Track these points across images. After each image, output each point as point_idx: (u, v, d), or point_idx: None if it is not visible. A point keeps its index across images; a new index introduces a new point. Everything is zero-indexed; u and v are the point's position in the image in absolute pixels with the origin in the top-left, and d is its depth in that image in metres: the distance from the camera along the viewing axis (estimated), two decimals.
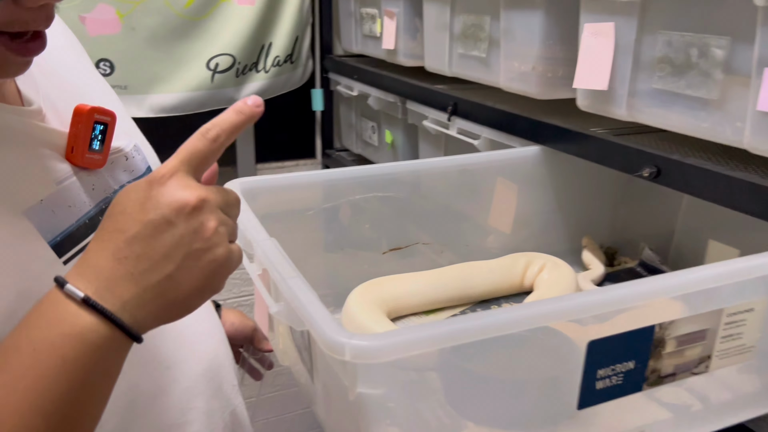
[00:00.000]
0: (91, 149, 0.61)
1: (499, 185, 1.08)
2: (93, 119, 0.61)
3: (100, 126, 0.62)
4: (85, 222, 0.61)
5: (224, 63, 1.73)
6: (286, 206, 0.90)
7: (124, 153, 0.69)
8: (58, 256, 0.57)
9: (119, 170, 0.67)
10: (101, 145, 0.63)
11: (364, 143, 1.75)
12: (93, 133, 0.61)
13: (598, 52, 0.91)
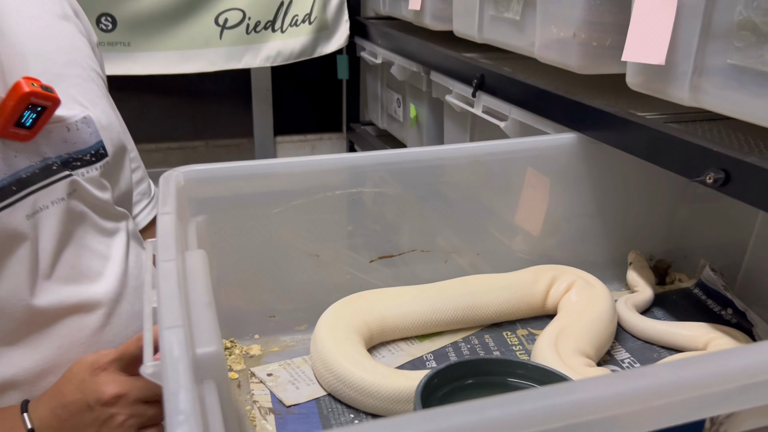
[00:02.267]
0: (19, 124, 0.61)
1: (529, 178, 0.88)
2: (28, 102, 0.60)
3: (38, 108, 0.61)
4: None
5: (234, 18, 1.56)
6: (251, 202, 0.73)
7: (66, 124, 0.67)
8: None
9: (58, 140, 0.66)
10: (33, 123, 0.61)
11: (389, 117, 1.56)
12: (24, 114, 0.60)
13: (656, 16, 0.69)
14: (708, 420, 0.41)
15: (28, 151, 0.63)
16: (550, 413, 0.34)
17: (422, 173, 0.80)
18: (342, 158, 0.77)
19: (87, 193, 0.68)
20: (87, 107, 0.70)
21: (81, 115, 0.68)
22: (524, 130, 0.94)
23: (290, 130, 1.78)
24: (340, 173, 0.76)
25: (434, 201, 0.82)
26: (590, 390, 0.35)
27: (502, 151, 0.84)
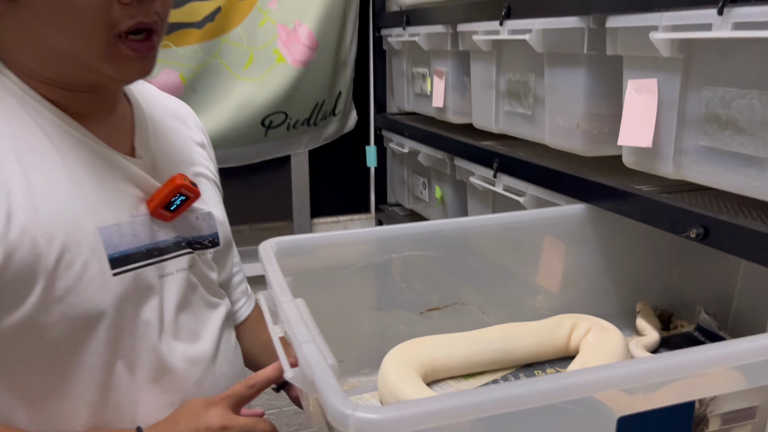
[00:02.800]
0: (166, 208, 0.78)
1: (546, 243, 1.05)
2: (178, 191, 0.78)
3: (183, 197, 0.79)
4: (141, 251, 0.75)
5: (277, 119, 1.79)
6: (322, 265, 0.90)
7: (196, 214, 0.85)
8: (111, 267, 0.71)
9: (188, 225, 0.84)
10: (176, 209, 0.79)
11: (415, 198, 1.75)
12: (174, 200, 0.78)
13: (642, 109, 0.88)
14: (697, 402, 0.56)
15: (167, 228, 0.80)
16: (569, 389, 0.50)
17: (459, 240, 0.97)
18: (395, 228, 0.94)
19: (201, 269, 0.85)
20: (210, 206, 0.89)
21: (206, 210, 0.87)
22: (540, 204, 1.11)
23: (325, 213, 1.98)
24: (393, 241, 0.93)
25: (471, 263, 0.98)
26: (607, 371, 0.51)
27: (523, 221, 1.02)
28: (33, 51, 0.69)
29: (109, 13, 0.66)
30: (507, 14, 1.13)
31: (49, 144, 0.70)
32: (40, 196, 0.67)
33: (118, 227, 0.73)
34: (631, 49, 0.89)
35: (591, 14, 0.95)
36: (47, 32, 0.67)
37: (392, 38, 1.74)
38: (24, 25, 0.67)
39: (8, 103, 0.69)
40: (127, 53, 0.69)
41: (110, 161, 0.74)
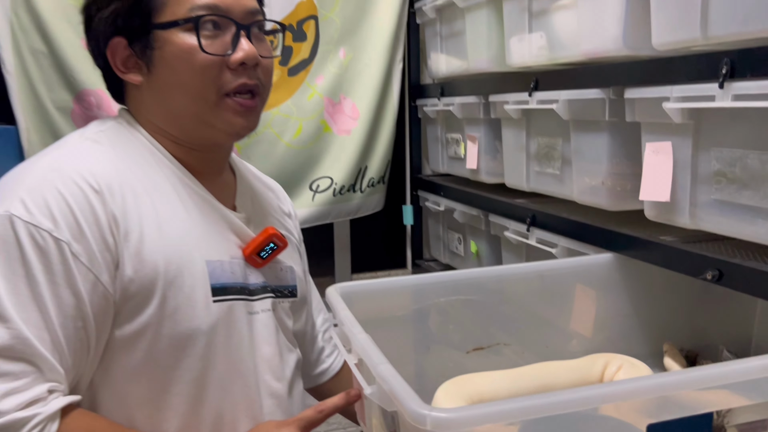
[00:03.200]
0: (258, 255, 0.92)
1: (578, 291, 1.16)
2: (270, 240, 0.92)
3: (273, 246, 0.92)
4: (236, 287, 0.88)
5: (324, 184, 1.94)
6: (377, 309, 1.01)
7: (281, 266, 0.99)
8: (212, 295, 0.84)
9: (273, 274, 0.96)
10: (266, 257, 0.93)
11: (451, 253, 1.87)
12: (264, 248, 0.92)
13: (660, 168, 1.00)
14: (715, 413, 0.65)
15: (256, 273, 0.93)
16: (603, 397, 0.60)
17: (499, 286, 1.09)
18: (442, 275, 1.06)
19: (280, 314, 0.97)
20: (292, 263, 1.02)
21: (288, 264, 1.00)
22: (570, 254, 1.23)
23: (364, 268, 2.10)
24: (440, 286, 1.05)
25: (509, 308, 1.09)
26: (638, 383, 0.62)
27: (556, 269, 1.13)
28: (161, 111, 0.86)
29: (220, 76, 0.84)
30: (535, 86, 1.28)
31: (172, 189, 0.85)
32: (164, 227, 0.81)
33: (220, 263, 0.87)
34: (648, 117, 1.02)
35: (611, 87, 1.09)
36: (172, 94, 0.85)
37: (427, 107, 1.90)
38: (156, 89, 0.86)
39: (142, 153, 0.86)
40: (232, 107, 0.85)
41: (217, 211, 0.90)
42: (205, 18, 0.82)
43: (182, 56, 0.83)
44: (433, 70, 1.92)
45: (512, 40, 1.41)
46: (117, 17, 0.84)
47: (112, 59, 0.86)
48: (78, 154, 0.82)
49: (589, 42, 1.16)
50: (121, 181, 0.81)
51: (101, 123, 0.90)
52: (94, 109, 1.71)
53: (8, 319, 0.70)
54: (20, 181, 0.77)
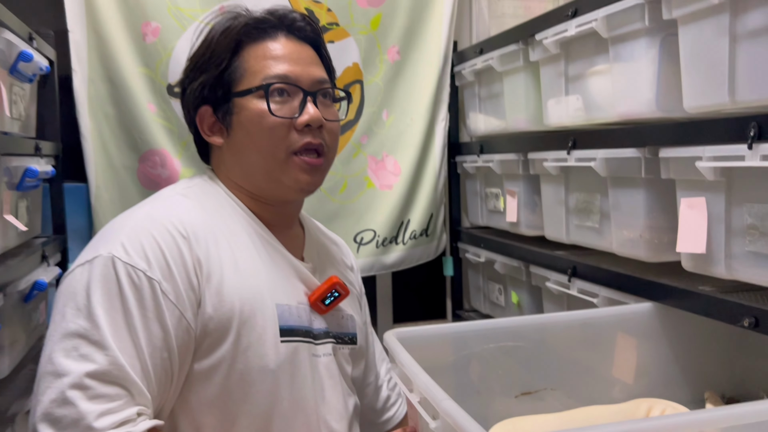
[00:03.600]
0: (322, 302, 0.99)
1: (620, 339, 1.22)
2: (333, 288, 0.99)
3: (336, 294, 1.00)
4: (302, 330, 0.95)
5: (367, 237, 2.04)
6: (431, 353, 1.08)
7: (342, 314, 1.05)
8: (280, 335, 0.91)
9: (335, 321, 1.03)
10: (330, 303, 1.00)
11: (491, 304, 1.93)
12: (328, 295, 0.99)
13: (695, 222, 1.07)
14: None
15: (320, 319, 1.00)
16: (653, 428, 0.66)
17: (545, 333, 1.15)
18: (492, 322, 1.13)
19: (341, 360, 1.03)
20: (352, 311, 1.09)
21: (349, 313, 1.07)
22: (611, 304, 1.29)
23: (405, 319, 2.17)
24: (490, 333, 1.11)
25: (555, 354, 1.15)
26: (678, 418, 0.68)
27: (597, 317, 1.19)
28: (238, 168, 0.97)
29: (287, 136, 0.94)
30: (573, 145, 1.37)
31: (249, 238, 0.95)
32: (241, 272, 0.90)
33: (288, 307, 0.94)
34: (682, 174, 1.09)
35: (646, 146, 1.17)
36: (247, 153, 0.95)
37: (466, 164, 2.00)
38: (234, 150, 0.97)
39: (223, 205, 0.96)
40: (299, 165, 0.94)
41: (287, 260, 0.98)
42: (274, 86, 0.93)
43: (255, 119, 0.94)
44: (472, 128, 2.03)
45: (549, 102, 1.50)
46: (204, 88, 0.96)
47: (200, 125, 0.98)
48: (170, 206, 0.92)
49: (623, 104, 1.25)
50: (205, 230, 0.90)
51: (189, 180, 1.01)
52: (158, 168, 1.85)
53: (107, 347, 0.78)
54: (121, 227, 0.87)
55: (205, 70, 0.96)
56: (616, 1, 1.20)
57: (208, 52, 0.96)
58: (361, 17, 2.01)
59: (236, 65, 0.95)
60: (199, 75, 0.97)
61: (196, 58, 0.98)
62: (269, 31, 0.97)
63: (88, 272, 0.82)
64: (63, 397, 0.75)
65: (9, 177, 1.32)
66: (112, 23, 1.79)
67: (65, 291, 0.82)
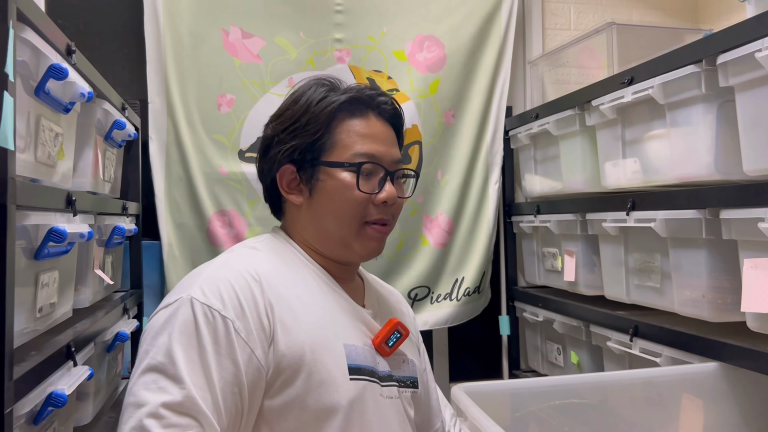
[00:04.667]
0: (386, 344, 1.03)
1: (685, 400, 1.22)
2: (395, 329, 1.03)
3: (398, 334, 1.03)
4: (367, 369, 0.99)
5: (422, 293, 2.08)
6: (496, 410, 1.11)
7: (403, 358, 1.08)
8: (348, 373, 0.95)
9: (398, 364, 1.07)
10: (393, 344, 1.03)
11: (550, 364, 1.93)
12: (391, 336, 1.03)
13: (759, 282, 1.09)
14: None
15: (384, 363, 1.03)
16: None
17: (610, 391, 1.17)
18: (562, 379, 1.15)
19: (404, 403, 1.07)
20: (412, 356, 1.13)
21: (410, 358, 1.12)
22: (675, 364, 1.29)
23: (461, 378, 2.17)
24: (560, 390, 1.13)
25: (621, 410, 1.16)
26: None
27: (661, 376, 1.20)
28: (313, 228, 1.03)
29: (365, 208, 1.01)
30: (632, 206, 1.40)
31: (316, 285, 1.01)
32: (310, 314, 0.96)
33: (354, 347, 0.98)
34: (744, 235, 1.12)
35: (706, 208, 1.20)
36: (326, 217, 1.02)
37: (523, 224, 2.04)
38: (312, 211, 1.03)
39: (291, 257, 1.03)
40: (370, 234, 1.02)
41: (351, 305, 1.04)
42: (365, 165, 1.01)
43: (340, 190, 1.00)
44: (528, 189, 2.08)
45: (607, 164, 1.55)
46: (295, 151, 1.03)
47: (280, 181, 1.04)
48: (243, 256, 1.00)
49: (682, 167, 1.29)
50: (276, 275, 0.97)
51: (258, 237, 1.08)
52: (227, 227, 1.96)
53: (182, 380, 0.85)
54: (199, 274, 0.95)
55: (298, 135, 1.02)
56: (672, 69, 1.26)
57: (304, 119, 1.02)
58: (421, 82, 2.12)
59: (328, 135, 1.02)
60: (291, 138, 1.03)
61: (290, 122, 1.03)
62: (362, 108, 1.04)
63: (168, 313, 0.89)
64: (140, 425, 0.82)
65: (99, 234, 1.43)
66: (190, 95, 1.94)
67: (150, 330, 0.90)
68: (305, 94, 1.04)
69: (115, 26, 1.99)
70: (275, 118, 1.06)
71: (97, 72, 1.35)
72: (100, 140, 1.43)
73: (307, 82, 1.06)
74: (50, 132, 1.07)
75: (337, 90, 1.04)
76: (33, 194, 0.96)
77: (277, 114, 1.06)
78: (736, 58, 1.10)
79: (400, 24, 2.10)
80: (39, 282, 1.03)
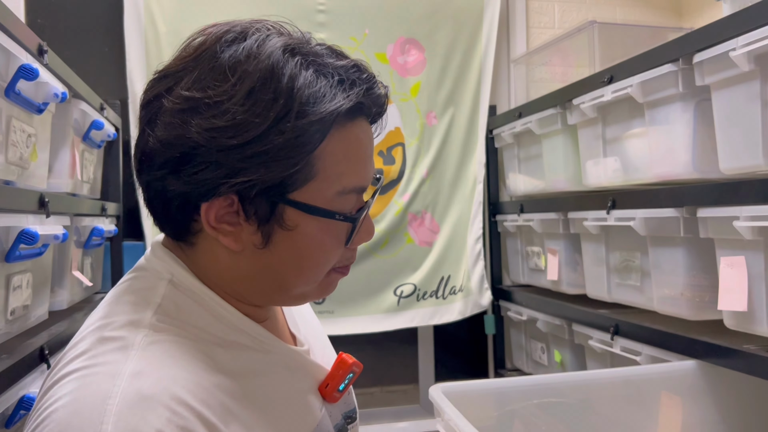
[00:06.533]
0: (337, 390, 0.75)
1: (664, 398, 1.22)
2: (350, 370, 0.75)
3: (351, 375, 0.76)
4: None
5: (408, 290, 2.09)
6: (473, 410, 1.11)
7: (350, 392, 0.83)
8: None
9: (343, 402, 0.79)
10: (344, 388, 0.75)
11: (534, 363, 1.93)
12: (345, 378, 0.75)
13: (735, 280, 1.09)
14: None
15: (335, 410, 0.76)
16: None
17: (585, 394, 1.17)
18: (540, 378, 1.15)
19: None
20: None
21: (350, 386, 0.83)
22: (655, 362, 1.29)
23: (447, 377, 2.17)
24: (538, 389, 1.13)
25: (599, 410, 1.16)
26: None
27: (640, 374, 1.20)
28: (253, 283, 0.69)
29: (340, 257, 0.70)
30: (612, 205, 1.40)
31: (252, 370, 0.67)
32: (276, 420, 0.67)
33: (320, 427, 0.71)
34: (720, 233, 1.12)
35: (684, 206, 1.20)
36: (284, 274, 0.68)
37: (507, 222, 2.04)
38: (261, 264, 0.67)
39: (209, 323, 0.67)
40: (333, 280, 0.72)
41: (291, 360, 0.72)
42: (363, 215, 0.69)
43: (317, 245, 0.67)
44: (512, 188, 2.08)
45: (588, 163, 1.55)
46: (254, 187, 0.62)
47: (207, 213, 0.63)
48: (155, 367, 0.59)
49: (660, 166, 1.29)
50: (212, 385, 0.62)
51: (149, 291, 0.66)
52: None
53: None
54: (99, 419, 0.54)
55: (266, 163, 0.61)
56: (650, 68, 1.26)
57: (278, 140, 0.61)
58: (402, 86, 2.12)
59: (309, 163, 0.63)
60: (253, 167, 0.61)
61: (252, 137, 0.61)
62: (354, 113, 0.67)
63: None
64: None
65: (78, 236, 1.41)
66: None
67: None
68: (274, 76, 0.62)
69: (96, 26, 1.97)
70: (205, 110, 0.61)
71: (73, 72, 1.34)
72: (77, 141, 1.41)
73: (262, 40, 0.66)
74: (22, 133, 1.05)
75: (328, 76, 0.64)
76: (2, 196, 0.95)
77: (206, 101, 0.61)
78: (711, 57, 1.10)
79: (381, 25, 2.10)
80: (11, 284, 1.02)
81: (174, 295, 0.67)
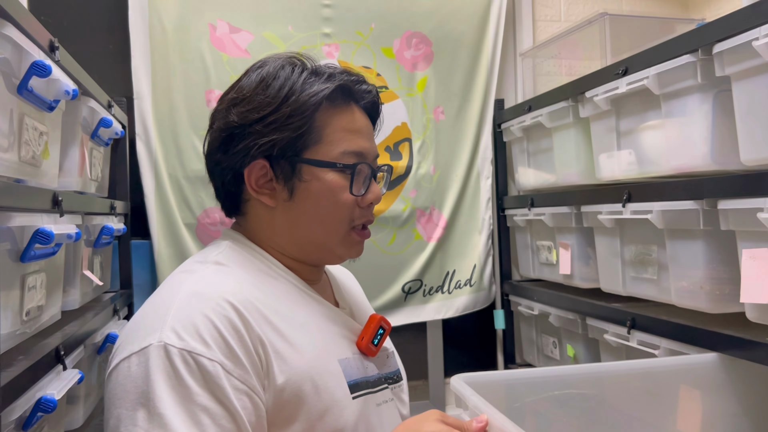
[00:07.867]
0: (372, 344, 0.96)
1: (683, 391, 1.21)
2: (379, 325, 0.97)
3: (381, 330, 0.97)
4: (363, 381, 0.93)
5: (415, 286, 2.08)
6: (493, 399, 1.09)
7: (387, 353, 1.03)
8: (350, 393, 0.89)
9: (382, 362, 1.00)
10: (378, 342, 0.97)
11: (545, 357, 1.92)
12: (376, 334, 0.96)
13: (758, 272, 1.08)
14: None
15: (372, 364, 0.96)
16: None
17: (608, 381, 1.15)
18: (558, 369, 1.14)
19: (397, 405, 1.02)
20: (391, 346, 1.08)
21: (391, 349, 1.06)
22: (673, 356, 1.28)
23: (456, 372, 2.16)
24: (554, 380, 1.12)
25: (616, 403, 1.15)
26: None
27: (658, 367, 1.19)
28: (288, 234, 0.92)
29: (353, 212, 0.93)
30: (628, 198, 1.39)
31: (295, 300, 0.91)
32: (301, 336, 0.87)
33: (347, 361, 0.90)
34: (742, 225, 1.11)
35: (703, 198, 1.19)
36: (308, 223, 0.92)
37: (517, 217, 2.03)
38: (291, 215, 0.91)
39: (261, 269, 0.91)
40: (355, 239, 0.95)
41: (332, 312, 0.95)
42: (360, 165, 0.91)
43: (330, 193, 0.90)
44: (521, 182, 2.06)
45: (601, 156, 1.54)
46: (274, 146, 0.88)
47: (248, 178, 0.90)
48: (212, 279, 0.86)
49: (678, 158, 1.27)
50: (256, 298, 0.85)
51: (215, 246, 0.94)
52: (218, 225, 1.93)
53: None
54: (165, 309, 0.80)
55: (279, 128, 0.88)
56: (667, 59, 1.25)
57: (285, 110, 0.88)
58: (408, 80, 2.10)
59: (312, 129, 0.89)
60: (271, 131, 0.89)
61: (268, 111, 0.89)
62: (345, 98, 0.93)
63: (138, 368, 0.76)
64: None
65: (87, 234, 1.40)
66: (177, 91, 1.91)
67: (116, 391, 0.77)
68: (279, 77, 0.91)
69: (100, 22, 1.95)
70: (240, 102, 0.91)
71: (82, 69, 1.32)
72: (86, 139, 1.40)
73: (275, 62, 0.93)
74: (34, 131, 1.04)
75: (320, 75, 0.92)
76: (17, 195, 0.93)
77: (242, 97, 0.91)
78: (732, 47, 1.09)
79: (388, 20, 2.08)
80: (26, 284, 1.00)
81: (232, 250, 0.92)
